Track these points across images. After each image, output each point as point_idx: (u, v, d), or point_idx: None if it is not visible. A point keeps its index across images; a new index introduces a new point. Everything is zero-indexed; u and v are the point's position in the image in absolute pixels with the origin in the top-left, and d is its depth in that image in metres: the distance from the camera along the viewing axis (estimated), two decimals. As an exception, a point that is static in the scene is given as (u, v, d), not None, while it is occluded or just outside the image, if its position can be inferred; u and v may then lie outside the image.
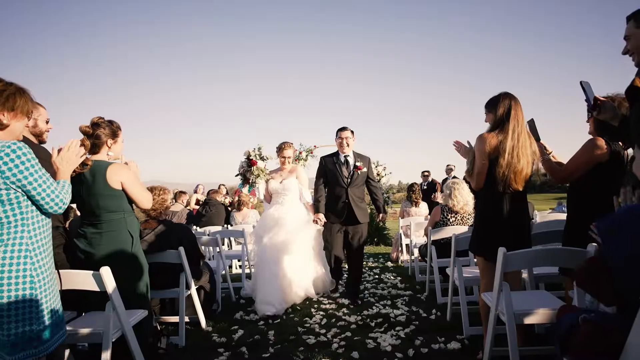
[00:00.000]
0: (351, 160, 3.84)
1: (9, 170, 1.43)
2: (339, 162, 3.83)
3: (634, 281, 1.05)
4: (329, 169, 3.85)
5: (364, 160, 3.88)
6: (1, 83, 1.50)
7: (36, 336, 1.54)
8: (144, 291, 2.43)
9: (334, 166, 3.82)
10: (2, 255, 1.47)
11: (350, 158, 3.85)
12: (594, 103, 1.91)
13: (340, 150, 3.86)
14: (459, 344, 2.62)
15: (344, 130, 3.86)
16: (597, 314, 1.29)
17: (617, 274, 1.10)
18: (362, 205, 3.86)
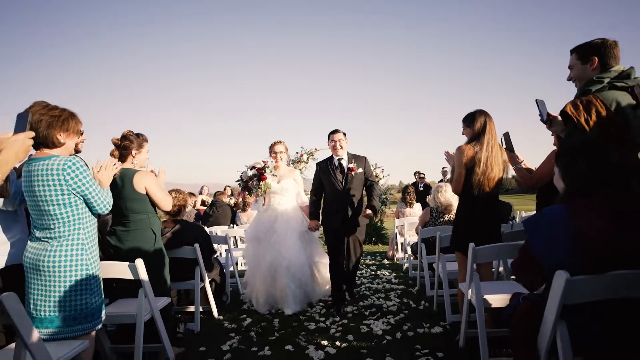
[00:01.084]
0: (345, 163, 3.76)
1: (72, 179, 1.80)
2: (332, 166, 3.76)
3: (549, 264, 1.42)
4: (323, 174, 3.79)
5: (359, 161, 3.80)
6: (57, 110, 1.86)
7: (90, 313, 1.91)
8: (166, 281, 2.80)
9: (328, 170, 3.75)
10: (64, 248, 1.84)
11: (344, 160, 3.77)
12: (546, 118, 2.28)
13: (334, 154, 3.78)
14: (441, 329, 2.99)
15: (336, 132, 3.78)
16: (533, 294, 1.65)
17: (539, 260, 1.47)
18: (360, 207, 3.76)
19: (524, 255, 1.54)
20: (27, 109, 1.78)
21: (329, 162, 3.81)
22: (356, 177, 3.72)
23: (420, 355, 2.53)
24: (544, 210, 1.50)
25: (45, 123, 1.78)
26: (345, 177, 3.71)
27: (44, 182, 1.77)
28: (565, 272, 1.32)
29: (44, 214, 1.82)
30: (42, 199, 1.79)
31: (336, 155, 3.77)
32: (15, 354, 1.49)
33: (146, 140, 2.76)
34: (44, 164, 1.78)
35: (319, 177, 3.83)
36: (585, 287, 1.33)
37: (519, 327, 1.56)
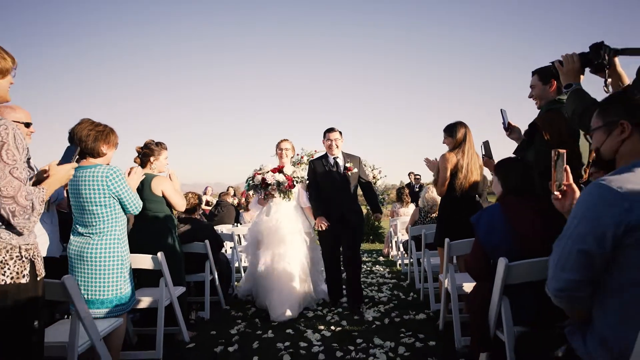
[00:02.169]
0: (341, 162, 3.73)
1: (112, 184, 2.18)
2: (328, 165, 3.71)
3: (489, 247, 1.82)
4: (319, 173, 3.73)
5: (354, 161, 3.79)
6: (101, 126, 2.24)
7: (125, 297, 2.28)
8: (181, 273, 3.17)
9: (324, 169, 3.71)
10: (104, 241, 2.22)
11: (340, 159, 3.74)
12: (507, 126, 2.65)
13: (329, 152, 3.75)
14: (425, 315, 3.37)
15: (332, 131, 3.73)
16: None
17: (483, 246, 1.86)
18: (356, 207, 3.77)
19: (474, 245, 1.93)
20: (75, 127, 2.16)
21: (325, 161, 3.75)
22: (352, 176, 3.73)
23: (404, 336, 2.90)
24: (485, 208, 1.92)
25: (93, 137, 2.16)
26: (342, 176, 3.70)
27: (90, 186, 2.15)
28: (505, 258, 1.70)
29: (88, 212, 2.20)
30: (87, 200, 2.17)
31: (331, 155, 3.74)
32: (72, 325, 1.86)
33: (165, 148, 3.13)
34: (90, 171, 2.16)
35: (315, 175, 3.77)
36: (520, 270, 1.70)
37: (474, 305, 1.94)
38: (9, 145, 1.35)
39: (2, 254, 1.38)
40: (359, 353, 2.65)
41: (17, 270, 1.41)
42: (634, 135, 1.20)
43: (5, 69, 1.45)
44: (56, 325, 2.15)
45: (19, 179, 1.37)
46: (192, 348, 2.85)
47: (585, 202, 1.14)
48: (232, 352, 2.76)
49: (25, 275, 1.43)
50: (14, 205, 1.35)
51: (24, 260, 1.44)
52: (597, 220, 1.09)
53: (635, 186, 1.08)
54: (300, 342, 2.87)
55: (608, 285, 1.13)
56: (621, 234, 1.06)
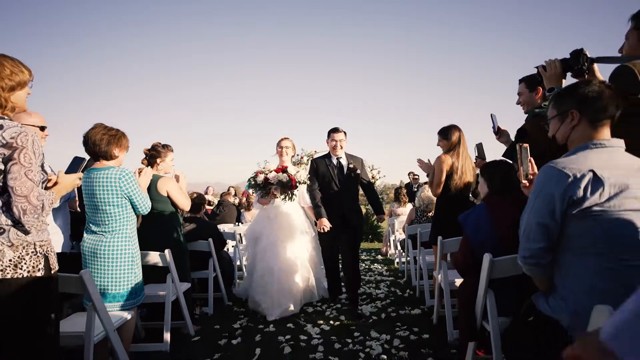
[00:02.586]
0: (344, 162, 3.73)
1: (124, 185, 2.32)
2: (331, 165, 3.70)
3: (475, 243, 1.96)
4: (321, 172, 3.71)
5: (356, 162, 3.79)
6: (114, 130, 2.38)
7: (134, 291, 2.42)
8: (187, 269, 3.31)
9: (327, 169, 3.69)
10: (116, 239, 2.35)
11: (343, 160, 3.74)
12: (497, 130, 2.80)
13: (333, 153, 3.74)
14: (420, 311, 3.51)
15: (337, 132, 3.72)
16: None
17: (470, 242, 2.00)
18: (356, 207, 3.77)
19: (462, 242, 2.08)
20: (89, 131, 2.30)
21: (328, 161, 3.73)
22: (354, 177, 3.74)
23: (399, 330, 3.05)
24: (472, 207, 2.08)
25: (106, 141, 2.30)
26: (345, 177, 3.70)
27: (103, 187, 2.29)
28: (489, 254, 1.84)
29: (101, 212, 2.34)
30: (100, 200, 2.31)
31: (335, 155, 3.73)
32: (88, 316, 2.00)
33: (171, 150, 3.27)
34: (104, 173, 2.30)
35: (316, 174, 3.74)
36: (503, 265, 1.84)
37: (462, 298, 2.08)
38: (27, 149, 1.49)
39: (19, 250, 1.52)
40: (356, 345, 2.79)
41: (33, 264, 1.54)
42: (582, 123, 1.39)
43: (23, 81, 1.59)
44: (72, 317, 2.29)
45: (33, 180, 1.51)
46: (197, 341, 2.99)
47: (539, 181, 1.35)
48: (236, 344, 2.90)
49: (40, 269, 1.57)
50: (26, 204, 1.49)
51: (38, 255, 1.57)
52: (548, 196, 1.30)
53: (576, 166, 1.28)
54: (301, 336, 3.01)
55: (563, 252, 1.34)
56: (566, 207, 1.27)
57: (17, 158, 1.48)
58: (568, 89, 1.46)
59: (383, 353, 2.63)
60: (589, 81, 1.42)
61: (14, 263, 1.50)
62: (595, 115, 1.36)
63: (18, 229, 1.52)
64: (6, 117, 1.55)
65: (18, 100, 1.59)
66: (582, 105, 1.38)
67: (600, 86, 1.38)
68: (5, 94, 1.53)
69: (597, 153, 1.32)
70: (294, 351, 2.74)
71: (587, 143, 1.36)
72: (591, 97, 1.37)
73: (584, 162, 1.29)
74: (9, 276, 1.49)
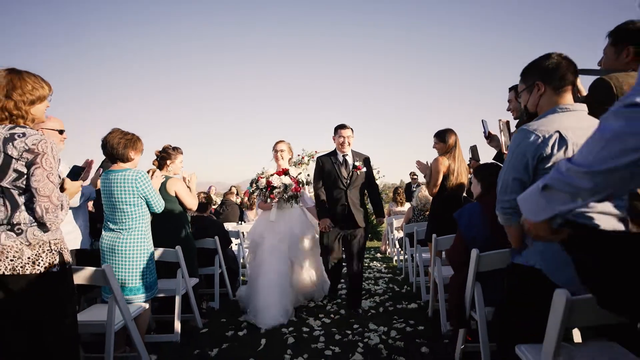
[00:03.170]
0: (350, 160, 3.65)
1: (140, 186, 2.50)
2: (337, 163, 3.63)
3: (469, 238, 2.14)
4: (327, 170, 3.65)
5: (363, 160, 3.71)
6: (130, 134, 2.55)
7: (149, 285, 2.60)
8: (195, 265, 3.48)
9: (333, 167, 3.62)
10: (132, 236, 2.53)
11: (349, 157, 3.66)
12: (488, 135, 2.98)
13: (340, 150, 3.66)
14: (416, 305, 3.69)
15: (345, 128, 3.64)
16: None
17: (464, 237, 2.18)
18: (362, 207, 3.70)
19: (456, 238, 2.26)
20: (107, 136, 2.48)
21: (333, 159, 3.67)
22: (360, 176, 3.66)
23: (396, 322, 3.23)
24: (466, 206, 2.26)
25: (123, 144, 2.48)
26: (350, 175, 3.62)
27: (121, 188, 2.47)
28: (477, 250, 2.02)
29: (118, 211, 2.52)
30: (118, 200, 2.48)
31: (341, 152, 3.66)
32: (109, 307, 2.18)
33: (180, 153, 3.44)
34: (121, 174, 2.48)
35: (322, 172, 3.68)
36: (489, 259, 2.02)
37: (453, 289, 2.26)
38: (48, 155, 1.66)
39: (36, 249, 1.66)
40: (356, 336, 2.97)
41: (49, 261, 1.69)
42: (547, 92, 1.60)
43: (42, 96, 1.75)
44: (92, 309, 2.47)
45: (53, 182, 1.68)
46: (205, 333, 3.17)
47: (514, 142, 1.56)
48: (242, 336, 3.08)
49: (56, 265, 1.71)
50: (48, 204, 1.66)
51: (53, 252, 1.71)
52: (522, 154, 1.51)
53: (544, 128, 1.49)
54: (303, 328, 3.19)
55: None
56: (536, 163, 1.48)
57: (40, 162, 1.64)
58: (531, 64, 1.68)
59: (380, 343, 2.81)
60: (548, 55, 1.64)
61: (32, 260, 1.64)
62: (557, 82, 1.58)
63: (35, 229, 1.67)
64: (28, 127, 1.70)
65: (37, 113, 1.74)
66: (545, 76, 1.60)
67: (557, 58, 1.60)
68: (26, 106, 1.68)
69: (564, 116, 1.54)
70: (297, 342, 2.92)
71: (555, 107, 1.57)
72: (551, 68, 1.59)
73: (552, 124, 1.50)
74: (27, 272, 1.62)
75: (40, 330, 1.68)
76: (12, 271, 1.60)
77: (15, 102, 1.65)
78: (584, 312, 1.13)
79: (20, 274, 1.62)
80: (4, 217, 1.63)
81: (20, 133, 1.63)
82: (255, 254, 3.76)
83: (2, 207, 1.63)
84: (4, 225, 1.63)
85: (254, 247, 3.80)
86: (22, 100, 1.67)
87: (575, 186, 0.78)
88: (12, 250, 1.61)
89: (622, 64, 1.94)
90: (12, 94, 1.65)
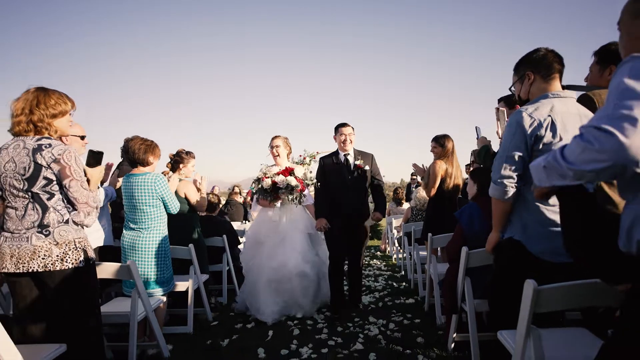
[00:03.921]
0: (351, 159, 3.60)
1: (159, 188, 2.72)
2: (339, 162, 3.59)
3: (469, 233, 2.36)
4: (328, 170, 3.60)
5: (366, 158, 3.65)
6: (149, 141, 2.77)
7: (166, 280, 2.83)
8: (206, 262, 3.70)
9: (334, 166, 3.58)
10: (151, 235, 2.76)
11: (351, 157, 3.61)
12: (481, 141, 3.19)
13: (341, 149, 3.61)
14: (413, 300, 3.92)
15: (345, 126, 3.59)
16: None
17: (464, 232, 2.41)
18: (365, 208, 3.68)
19: (456, 234, 2.50)
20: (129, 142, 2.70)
21: (335, 158, 3.64)
22: (362, 174, 3.60)
23: (394, 316, 3.45)
24: (465, 205, 2.54)
25: (143, 150, 2.70)
26: (352, 174, 3.57)
27: (141, 190, 2.69)
28: (466, 247, 2.24)
29: (139, 211, 2.74)
30: (139, 201, 2.71)
31: (343, 151, 3.61)
32: (132, 298, 2.40)
33: (193, 157, 3.65)
34: (142, 178, 2.70)
35: (324, 173, 3.64)
36: (477, 256, 2.24)
37: (447, 281, 2.48)
38: (73, 165, 1.85)
39: (63, 247, 1.85)
40: (356, 328, 3.20)
41: (75, 258, 1.87)
42: (537, 80, 1.83)
43: (65, 110, 1.93)
44: (115, 301, 2.70)
45: (87, 189, 1.89)
46: (216, 325, 3.39)
47: (514, 123, 1.75)
48: (250, 328, 3.30)
49: (81, 261, 1.90)
50: (88, 208, 1.89)
51: (78, 250, 1.90)
52: (521, 134, 1.70)
53: (539, 112, 1.71)
54: (307, 321, 3.41)
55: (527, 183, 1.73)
56: (533, 142, 1.70)
57: (72, 175, 1.84)
58: (522, 58, 1.92)
59: (379, 334, 3.03)
60: (537, 49, 1.87)
61: (60, 258, 1.83)
62: (545, 71, 1.80)
63: (61, 230, 1.85)
64: (52, 137, 1.89)
65: (60, 125, 1.92)
66: (534, 66, 1.83)
67: (544, 51, 1.84)
68: (49, 119, 1.87)
69: (555, 101, 1.74)
70: (301, 333, 3.13)
71: (547, 93, 1.78)
72: (539, 58, 1.82)
73: (545, 108, 1.72)
74: (57, 268, 1.82)
75: (70, 320, 1.87)
76: (44, 268, 1.80)
77: (39, 115, 1.84)
78: (548, 299, 1.34)
79: (52, 270, 1.81)
80: (36, 219, 1.82)
81: (47, 144, 1.82)
82: (256, 253, 3.72)
83: (33, 211, 1.83)
84: (34, 228, 1.82)
85: (255, 246, 3.75)
86: (45, 114, 1.85)
87: (563, 173, 1.01)
88: (42, 249, 1.80)
89: (605, 81, 2.14)
90: (37, 108, 1.84)
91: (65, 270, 1.84)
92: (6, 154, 1.82)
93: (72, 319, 1.87)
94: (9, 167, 1.80)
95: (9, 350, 1.51)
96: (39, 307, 1.86)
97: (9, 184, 1.81)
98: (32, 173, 1.79)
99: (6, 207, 1.88)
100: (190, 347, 2.92)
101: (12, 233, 1.82)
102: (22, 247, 1.79)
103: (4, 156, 1.82)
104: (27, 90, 1.88)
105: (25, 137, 1.84)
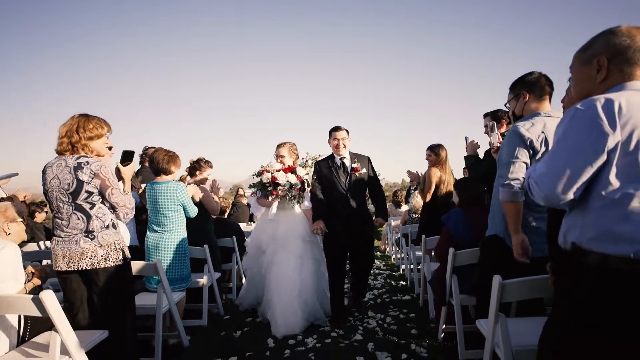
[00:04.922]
0: (348, 163, 3.53)
1: (180, 195, 3.04)
2: (335, 166, 3.51)
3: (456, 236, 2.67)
4: (324, 175, 3.52)
5: (362, 161, 3.59)
6: (171, 152, 3.09)
7: (185, 277, 3.14)
8: (219, 261, 4.02)
9: (330, 171, 3.50)
10: (173, 237, 3.07)
11: (347, 160, 3.54)
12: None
13: (336, 153, 3.54)
14: (409, 297, 4.23)
15: (339, 130, 3.52)
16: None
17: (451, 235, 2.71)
18: (364, 212, 3.61)
19: (443, 236, 2.81)
20: (153, 153, 3.02)
21: (331, 162, 3.56)
22: (360, 178, 3.54)
23: (391, 311, 3.76)
24: (452, 210, 2.84)
25: (166, 160, 3.02)
26: (349, 178, 3.50)
27: (164, 197, 3.01)
28: (453, 248, 2.54)
29: (161, 215, 3.06)
30: (162, 207, 3.02)
31: (338, 155, 3.54)
32: (158, 293, 2.71)
33: (210, 167, 3.96)
34: (165, 185, 3.02)
35: (320, 177, 3.56)
36: (463, 256, 2.55)
37: (437, 279, 2.80)
38: (110, 177, 2.16)
39: (106, 248, 2.16)
40: (356, 321, 3.51)
41: (116, 257, 2.20)
42: (530, 99, 2.08)
43: (101, 134, 2.23)
44: (140, 296, 3.00)
45: (123, 193, 2.20)
46: (227, 319, 3.70)
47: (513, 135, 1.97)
48: (259, 321, 3.60)
49: (120, 260, 2.22)
50: (126, 209, 2.20)
51: (117, 250, 2.23)
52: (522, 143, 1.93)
53: (534, 129, 1.94)
54: (312, 315, 3.71)
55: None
56: (531, 153, 1.92)
57: (111, 185, 2.16)
58: (517, 79, 2.18)
59: (377, 327, 3.34)
60: (531, 72, 2.15)
61: (104, 257, 2.15)
62: (538, 92, 2.06)
63: (104, 233, 2.16)
64: (88, 155, 2.18)
65: (96, 146, 2.22)
66: (529, 87, 2.08)
67: (537, 74, 2.12)
68: (85, 141, 2.17)
69: (547, 120, 1.98)
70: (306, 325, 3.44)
71: (539, 112, 2.02)
72: (533, 81, 2.08)
73: (539, 126, 1.96)
74: (102, 266, 2.14)
75: (113, 311, 2.19)
76: (91, 266, 2.13)
77: (78, 137, 2.15)
78: (512, 291, 1.65)
79: (97, 268, 2.14)
80: (83, 226, 2.14)
81: (85, 162, 2.12)
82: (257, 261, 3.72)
83: (79, 220, 2.14)
84: (81, 233, 2.13)
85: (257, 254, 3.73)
86: (83, 136, 2.16)
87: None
88: (89, 251, 2.13)
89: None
90: (76, 132, 2.15)
91: (108, 268, 2.16)
92: (50, 172, 2.13)
93: (113, 309, 2.19)
94: (54, 183, 2.11)
95: (68, 334, 1.84)
96: (85, 299, 2.18)
97: (55, 197, 2.12)
98: (75, 188, 2.09)
99: (54, 216, 2.20)
100: (206, 338, 3.23)
101: (62, 238, 2.13)
102: (72, 249, 2.11)
103: (49, 173, 2.13)
104: (72, 116, 2.20)
105: (66, 156, 2.14)
